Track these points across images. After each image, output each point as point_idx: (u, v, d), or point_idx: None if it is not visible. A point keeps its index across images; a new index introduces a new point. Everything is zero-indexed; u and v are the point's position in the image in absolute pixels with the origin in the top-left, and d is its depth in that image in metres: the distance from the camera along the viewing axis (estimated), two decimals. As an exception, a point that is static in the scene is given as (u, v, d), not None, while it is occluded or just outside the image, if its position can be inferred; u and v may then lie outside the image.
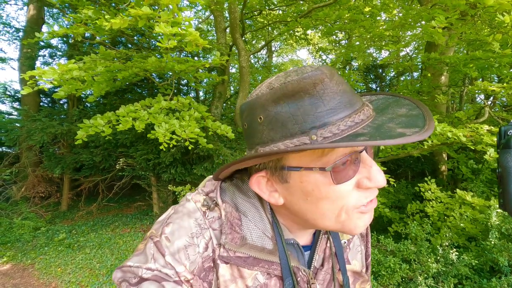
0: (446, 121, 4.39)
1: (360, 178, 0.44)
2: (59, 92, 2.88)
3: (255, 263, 0.50)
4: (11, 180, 8.28)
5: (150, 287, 0.44)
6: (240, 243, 0.49)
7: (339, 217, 0.45)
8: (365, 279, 0.66)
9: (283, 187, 0.47)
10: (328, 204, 0.44)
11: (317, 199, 0.44)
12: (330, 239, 0.58)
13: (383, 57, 10.16)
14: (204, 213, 0.51)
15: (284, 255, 0.51)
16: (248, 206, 0.52)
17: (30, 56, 8.19)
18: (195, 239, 0.49)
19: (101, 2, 3.65)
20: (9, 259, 4.82)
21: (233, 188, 0.54)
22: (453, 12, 2.49)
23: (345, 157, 0.42)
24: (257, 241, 0.50)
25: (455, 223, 3.16)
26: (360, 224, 0.46)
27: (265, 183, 0.49)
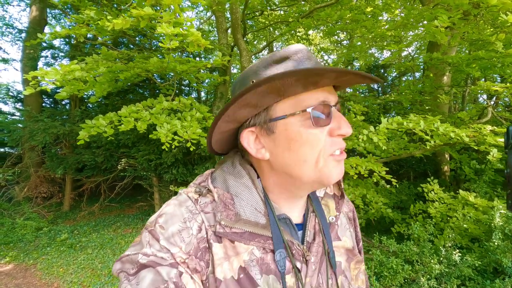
0: (448, 121, 4.37)
1: (332, 127, 0.53)
2: (61, 93, 2.88)
3: (251, 238, 0.53)
4: (13, 180, 8.32)
5: (148, 275, 0.46)
6: (235, 219, 0.53)
7: (318, 163, 0.52)
8: (359, 259, 0.69)
9: (270, 140, 0.54)
10: (308, 149, 0.52)
11: (299, 144, 0.52)
12: (318, 216, 0.63)
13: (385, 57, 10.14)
14: (196, 200, 0.56)
15: (276, 228, 0.55)
16: (239, 187, 0.57)
17: (32, 57, 8.23)
18: (188, 223, 0.52)
19: (103, 3, 3.66)
20: (11, 259, 4.83)
21: (224, 174, 0.59)
22: (456, 12, 2.48)
23: (321, 104, 0.51)
24: (250, 217, 0.54)
25: (458, 224, 3.14)
26: (335, 171, 0.53)
27: (253, 140, 0.56)
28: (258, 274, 0.52)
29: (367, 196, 3.82)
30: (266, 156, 0.55)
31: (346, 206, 0.75)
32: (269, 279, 0.53)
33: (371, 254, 3.23)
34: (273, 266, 0.54)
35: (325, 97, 0.52)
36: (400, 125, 3.01)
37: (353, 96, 7.27)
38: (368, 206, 3.97)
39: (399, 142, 4.01)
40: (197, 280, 0.50)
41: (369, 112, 6.34)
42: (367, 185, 4.26)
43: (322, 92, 0.52)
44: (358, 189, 3.83)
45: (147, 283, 0.45)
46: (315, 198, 0.66)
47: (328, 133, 0.53)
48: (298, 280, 0.55)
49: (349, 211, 0.75)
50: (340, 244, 0.66)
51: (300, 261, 0.56)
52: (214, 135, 0.58)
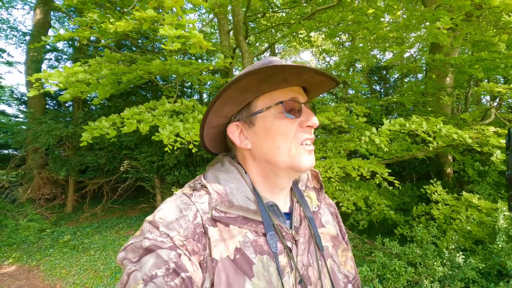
0: (451, 122, 4.35)
1: (302, 120, 0.62)
2: (65, 95, 2.90)
3: (244, 222, 0.60)
4: (17, 182, 8.37)
5: (149, 259, 0.50)
6: (229, 205, 0.60)
7: (290, 150, 0.61)
8: (345, 247, 0.75)
9: (251, 131, 0.64)
10: (282, 138, 0.61)
11: (274, 134, 0.61)
12: (301, 206, 0.71)
13: (387, 58, 10.12)
14: (190, 195, 0.62)
15: (265, 214, 0.61)
16: (230, 180, 0.64)
17: (36, 59, 8.29)
18: (184, 212, 0.58)
19: (106, 5, 3.69)
20: (14, 260, 4.85)
21: (215, 172, 0.67)
22: (458, 13, 2.47)
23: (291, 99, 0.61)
24: (242, 203, 0.61)
25: (461, 226, 3.12)
26: (306, 159, 0.62)
27: (238, 133, 0.65)
28: (252, 254, 0.57)
29: (369, 197, 3.80)
30: (248, 145, 0.65)
31: (327, 201, 0.84)
32: (263, 258, 0.58)
33: (374, 256, 3.21)
34: (266, 248, 0.59)
35: (294, 95, 0.63)
36: (403, 127, 3.00)
37: (355, 98, 7.26)
38: (370, 208, 3.95)
39: (401, 144, 4.00)
40: (195, 262, 0.54)
41: (371, 114, 6.33)
42: (370, 187, 4.25)
43: (292, 92, 0.63)
44: (360, 191, 3.82)
45: (150, 265, 0.49)
46: (298, 191, 0.73)
47: (298, 125, 0.62)
48: (290, 259, 0.61)
49: (330, 206, 0.83)
50: (324, 230, 0.73)
51: (291, 242, 0.63)
52: (205, 130, 0.68)
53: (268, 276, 0.56)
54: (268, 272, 0.57)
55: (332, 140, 4.52)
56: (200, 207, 0.60)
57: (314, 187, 0.78)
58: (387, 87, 8.65)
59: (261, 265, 0.56)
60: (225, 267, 0.54)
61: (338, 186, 3.69)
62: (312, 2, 6.27)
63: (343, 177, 3.74)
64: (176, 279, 0.49)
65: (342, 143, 4.30)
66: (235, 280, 0.54)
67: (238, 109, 0.65)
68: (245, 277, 0.54)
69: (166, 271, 0.49)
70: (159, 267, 0.49)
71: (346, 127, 4.42)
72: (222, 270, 0.54)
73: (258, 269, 0.56)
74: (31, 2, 10.49)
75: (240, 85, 0.58)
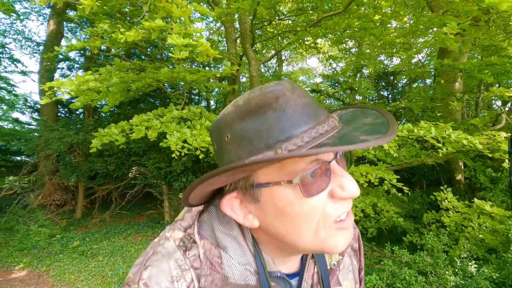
0: (461, 128, 4.28)
1: (333, 188, 0.43)
2: (76, 103, 2.98)
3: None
4: (29, 188, 8.55)
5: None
6: (221, 285, 0.46)
7: (318, 234, 0.43)
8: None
9: (256, 207, 0.45)
10: (303, 222, 0.43)
11: (291, 217, 0.42)
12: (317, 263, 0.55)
13: (395, 64, 10.08)
14: (184, 252, 0.48)
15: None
16: (229, 240, 0.49)
17: (49, 68, 8.55)
18: (175, 283, 0.45)
19: (117, 16, 3.80)
20: (25, 265, 4.93)
21: (212, 221, 0.51)
22: (465, 18, 2.46)
23: (312, 167, 0.41)
24: (239, 279, 0.47)
25: (473, 234, 3.04)
26: (341, 241, 0.44)
27: (238, 205, 0.46)
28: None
29: (378, 204, 3.75)
30: (255, 224, 0.46)
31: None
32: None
33: (383, 265, 3.15)
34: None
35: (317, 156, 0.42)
36: (411, 132, 2.97)
37: (363, 104, 7.23)
38: (379, 215, 3.89)
39: (410, 150, 3.95)
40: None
41: (379, 120, 6.27)
42: (378, 193, 4.19)
43: None
44: (368, 198, 3.77)
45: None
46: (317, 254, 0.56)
47: (329, 196, 0.43)
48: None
49: (354, 241, 0.67)
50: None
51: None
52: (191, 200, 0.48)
53: None
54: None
55: (339, 146, 4.48)
56: (195, 277, 0.47)
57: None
58: (395, 93, 8.59)
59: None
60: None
61: (345, 192, 3.65)
62: (318, 9, 6.32)
63: (351, 183, 3.70)
64: None
65: (350, 149, 4.26)
66: None
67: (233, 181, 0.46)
68: None
69: None
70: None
71: (353, 133, 4.38)
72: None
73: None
74: (45, 13, 10.87)
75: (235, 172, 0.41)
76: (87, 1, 2.04)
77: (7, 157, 9.89)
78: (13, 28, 11.29)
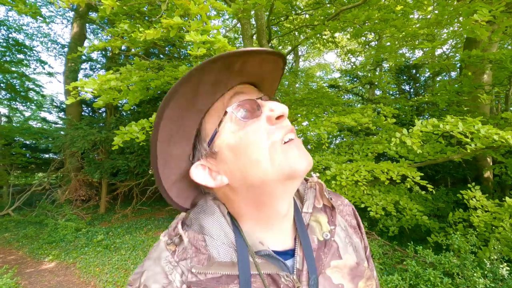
0: (490, 122, 4.04)
1: (267, 115, 0.49)
2: (98, 102, 3.07)
3: (229, 281, 0.48)
4: (56, 184, 8.99)
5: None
6: (208, 264, 0.48)
7: (274, 160, 0.47)
8: (368, 275, 0.60)
9: (218, 162, 0.50)
10: (255, 148, 0.47)
11: (243, 148, 0.47)
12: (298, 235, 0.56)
13: (417, 57, 9.67)
14: (173, 252, 0.51)
15: (245, 265, 0.49)
16: (211, 224, 0.51)
17: (73, 69, 8.91)
18: (170, 276, 0.49)
19: (136, 16, 3.88)
20: (54, 257, 5.19)
21: (196, 214, 0.54)
22: (498, 5, 2.30)
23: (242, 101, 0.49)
24: (224, 257, 0.49)
25: (505, 234, 2.87)
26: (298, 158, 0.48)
27: (207, 172, 0.51)
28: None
29: (400, 202, 3.63)
30: (225, 180, 0.50)
31: (346, 211, 0.68)
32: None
33: (406, 265, 3.05)
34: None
35: (237, 91, 0.50)
36: (436, 128, 2.84)
37: (383, 99, 7.01)
38: (401, 213, 3.77)
39: (434, 146, 3.78)
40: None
41: (401, 115, 6.06)
42: (400, 191, 4.05)
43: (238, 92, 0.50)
44: (390, 195, 3.66)
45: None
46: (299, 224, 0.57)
47: (266, 122, 0.49)
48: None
49: (351, 217, 0.68)
50: (341, 263, 0.57)
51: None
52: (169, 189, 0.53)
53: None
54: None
55: (359, 143, 4.37)
56: (185, 269, 0.49)
57: (325, 205, 0.62)
58: (417, 87, 8.25)
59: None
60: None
61: (366, 190, 3.56)
62: (336, 2, 6.17)
63: (371, 180, 3.60)
64: None
65: (370, 146, 4.15)
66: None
67: (190, 147, 0.52)
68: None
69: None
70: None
71: (373, 128, 4.27)
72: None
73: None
74: (69, 16, 11.31)
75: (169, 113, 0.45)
76: (108, 1, 2.08)
77: (36, 154, 10.45)
78: (40, 31, 11.84)
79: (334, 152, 4.36)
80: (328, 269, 0.55)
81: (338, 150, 4.42)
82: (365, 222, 3.91)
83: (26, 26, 11.33)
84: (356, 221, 0.68)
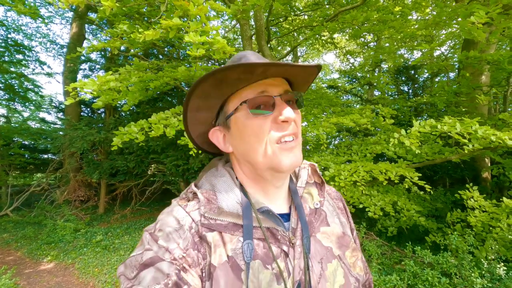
0: (488, 123, 4.06)
1: (274, 115, 0.57)
2: (98, 102, 3.08)
3: (235, 229, 0.58)
4: (55, 184, 8.96)
5: (147, 274, 0.50)
6: (218, 212, 0.58)
7: (266, 152, 0.57)
8: (354, 247, 0.70)
9: (229, 135, 0.63)
10: (254, 138, 0.57)
11: (247, 134, 0.58)
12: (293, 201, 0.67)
13: (415, 57, 9.69)
14: (184, 206, 0.60)
15: (248, 218, 0.58)
16: (221, 184, 0.62)
17: (72, 70, 8.89)
18: (181, 222, 0.57)
19: (135, 16, 3.88)
20: (52, 258, 5.18)
21: (208, 177, 0.65)
22: (494, 6, 2.32)
23: (259, 95, 0.57)
24: (232, 209, 0.58)
25: (502, 234, 2.88)
26: (285, 160, 0.57)
27: (222, 137, 0.64)
28: (242, 261, 0.55)
29: (398, 203, 3.64)
30: (230, 148, 0.64)
31: (333, 195, 0.79)
32: (254, 263, 0.56)
33: (404, 265, 3.06)
34: (260, 252, 0.57)
35: (264, 88, 0.57)
36: (434, 128, 2.85)
37: (382, 99, 7.02)
38: (399, 213, 3.78)
39: (432, 146, 3.79)
40: (194, 274, 0.53)
41: (399, 116, 6.08)
42: (398, 192, 4.07)
43: (261, 85, 0.57)
44: (388, 196, 3.67)
45: (148, 280, 0.49)
46: (294, 194, 0.68)
47: (272, 121, 0.57)
48: (287, 264, 0.58)
49: (337, 200, 0.79)
50: (328, 230, 0.68)
51: (287, 245, 0.59)
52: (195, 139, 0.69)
53: (257, 283, 0.54)
54: (257, 279, 0.54)
55: (358, 143, 4.39)
56: (194, 216, 0.58)
57: (316, 181, 0.73)
58: (416, 88, 8.26)
59: (251, 272, 0.54)
60: (223, 272, 0.53)
61: (364, 190, 3.57)
62: (335, 3, 6.19)
63: (370, 181, 3.61)
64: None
65: (368, 146, 4.16)
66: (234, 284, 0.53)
67: (214, 115, 0.64)
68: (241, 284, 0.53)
69: (165, 286, 0.48)
70: (158, 282, 0.48)
71: (372, 129, 4.28)
72: (220, 275, 0.53)
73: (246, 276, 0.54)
74: (68, 17, 11.30)
75: (197, 93, 0.57)
76: (107, 2, 2.09)
77: (35, 155, 10.42)
78: (39, 31, 11.82)
79: (333, 153, 4.37)
80: (318, 233, 0.65)
81: (337, 150, 4.44)
82: (364, 222, 3.91)
83: (25, 26, 11.32)
84: (342, 204, 0.79)
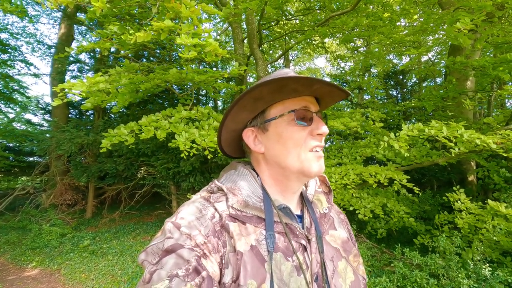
0: (473, 127, 4.18)
1: (312, 128, 0.66)
2: (86, 104, 3.02)
3: (259, 222, 0.63)
4: (41, 188, 8.72)
5: (169, 260, 0.52)
6: (244, 205, 0.63)
7: (300, 156, 0.64)
8: (356, 253, 0.77)
9: (264, 136, 0.68)
10: (292, 143, 0.64)
11: (285, 139, 0.65)
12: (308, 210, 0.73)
13: (404, 63, 9.91)
14: (208, 197, 0.66)
15: (270, 212, 0.64)
16: (243, 182, 0.68)
17: (60, 70, 8.70)
18: (203, 211, 0.61)
19: (126, 18, 3.84)
20: (37, 264, 5.03)
21: (229, 175, 0.71)
22: (479, 14, 2.40)
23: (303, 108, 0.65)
24: (256, 204, 0.64)
25: (487, 236, 2.96)
26: (314, 165, 0.65)
27: (253, 137, 0.70)
28: (265, 252, 0.60)
29: (387, 205, 3.69)
30: (262, 149, 0.69)
31: (336, 209, 0.86)
32: (276, 255, 0.60)
33: (393, 267, 3.10)
34: (281, 245, 0.62)
35: (306, 104, 0.66)
36: (422, 132, 2.91)
37: (371, 103, 7.13)
38: (389, 215, 3.83)
39: (420, 149, 3.87)
40: (214, 260, 0.56)
41: (388, 119, 6.19)
42: (388, 194, 4.13)
43: (304, 101, 0.66)
44: (378, 198, 3.72)
45: (170, 265, 0.52)
46: (306, 199, 0.76)
47: (309, 133, 0.66)
48: (305, 257, 0.64)
49: (340, 213, 0.86)
50: (336, 234, 0.75)
51: (305, 240, 0.66)
52: (223, 134, 0.74)
53: (279, 274, 0.58)
54: (279, 270, 0.59)
55: (348, 146, 4.44)
56: (218, 207, 0.62)
57: (323, 191, 0.81)
58: (404, 92, 8.45)
59: (273, 262, 0.59)
60: (249, 259, 0.57)
61: (354, 193, 3.61)
62: (326, 8, 6.28)
63: (360, 184, 3.65)
64: (196, 278, 0.51)
65: (358, 149, 4.22)
66: (258, 271, 0.56)
67: (253, 116, 0.70)
68: (265, 272, 0.57)
69: (186, 271, 0.51)
70: (180, 267, 0.51)
71: (362, 132, 4.34)
72: (248, 262, 0.57)
73: (270, 266, 0.58)
74: (56, 16, 11.09)
75: (253, 94, 0.63)
76: (97, 3, 2.06)
77: (20, 157, 10.10)
78: (25, 31, 11.54)
79: (324, 156, 4.41)
80: (327, 235, 0.73)
81: (327, 153, 4.48)
82: (354, 225, 3.95)
83: (11, 26, 11.03)
84: (344, 216, 0.86)
